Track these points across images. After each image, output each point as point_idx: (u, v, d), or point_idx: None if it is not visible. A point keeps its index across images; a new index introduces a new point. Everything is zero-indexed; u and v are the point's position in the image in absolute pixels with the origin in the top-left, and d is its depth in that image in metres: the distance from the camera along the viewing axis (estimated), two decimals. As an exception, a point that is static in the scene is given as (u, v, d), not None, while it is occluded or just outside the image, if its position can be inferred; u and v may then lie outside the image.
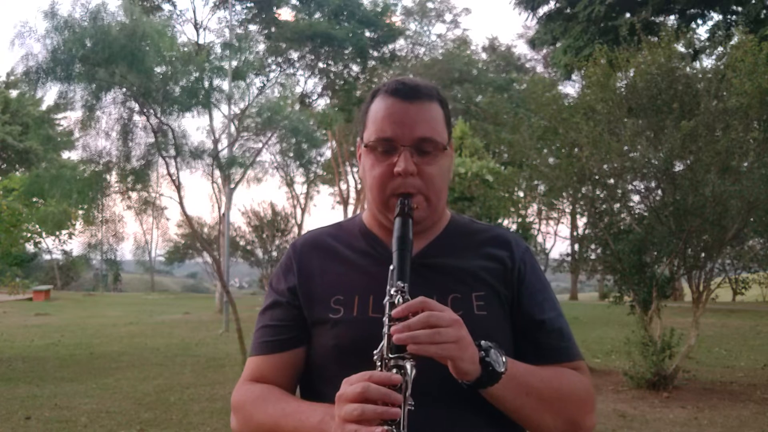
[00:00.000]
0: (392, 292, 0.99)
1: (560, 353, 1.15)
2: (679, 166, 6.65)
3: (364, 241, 1.22)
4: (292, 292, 1.18)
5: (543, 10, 20.74)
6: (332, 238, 1.24)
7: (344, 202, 32.52)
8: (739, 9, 17.34)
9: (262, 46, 30.22)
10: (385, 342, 0.94)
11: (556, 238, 33.81)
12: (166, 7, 30.91)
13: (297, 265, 1.20)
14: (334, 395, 0.93)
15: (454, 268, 1.16)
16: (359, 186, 29.86)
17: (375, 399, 0.88)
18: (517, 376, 1.02)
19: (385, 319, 0.96)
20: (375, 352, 0.95)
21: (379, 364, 0.94)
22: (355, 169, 30.40)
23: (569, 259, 8.22)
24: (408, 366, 0.92)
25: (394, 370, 0.91)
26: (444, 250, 1.19)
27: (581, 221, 8.85)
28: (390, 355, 0.93)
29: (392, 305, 0.97)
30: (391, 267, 1.03)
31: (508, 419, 1.07)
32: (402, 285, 0.99)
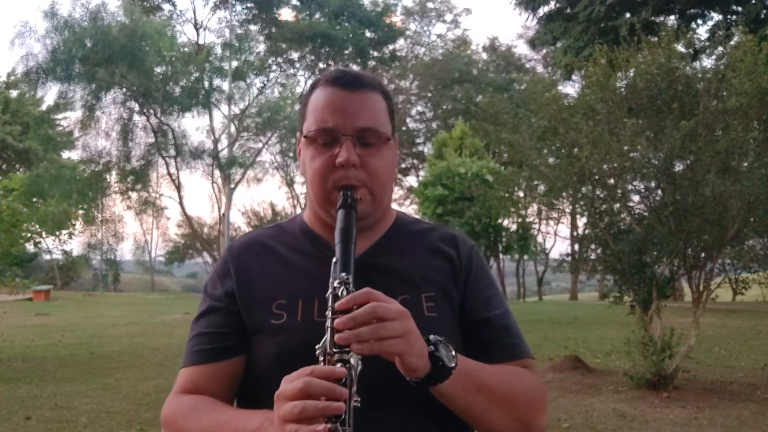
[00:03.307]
0: (335, 284, 0.93)
1: (509, 351, 1.10)
2: (679, 166, 6.65)
3: (306, 241, 1.15)
4: (229, 297, 1.11)
5: (543, 10, 20.76)
6: (272, 239, 1.18)
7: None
8: (739, 9, 17.35)
9: (262, 47, 30.27)
10: (328, 336, 0.88)
11: (556, 238, 33.90)
12: (166, 7, 30.96)
13: (234, 269, 1.13)
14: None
15: (402, 269, 1.11)
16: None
17: (317, 395, 0.81)
18: (467, 372, 0.97)
19: (328, 313, 0.90)
20: (317, 346, 0.89)
21: (321, 359, 0.88)
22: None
23: (569, 259, 8.21)
24: (353, 360, 0.86)
25: (339, 365, 0.86)
26: (391, 249, 1.14)
27: (581, 221, 8.85)
28: (333, 350, 0.87)
29: (335, 297, 0.91)
30: (334, 260, 0.97)
31: (458, 422, 1.04)
32: (346, 277, 0.93)
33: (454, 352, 0.96)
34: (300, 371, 0.85)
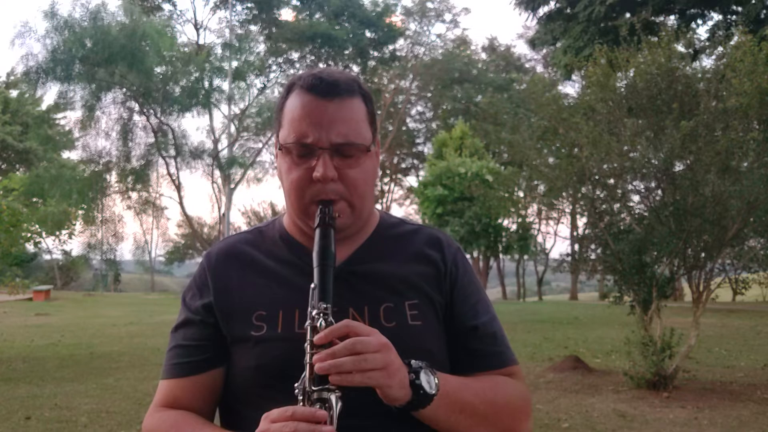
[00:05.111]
0: (314, 315, 0.90)
1: (494, 359, 1.09)
2: (679, 166, 6.65)
3: (286, 249, 1.11)
4: (206, 309, 1.08)
5: (543, 10, 20.79)
6: (251, 246, 1.14)
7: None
8: (739, 9, 17.35)
9: (262, 47, 30.28)
10: (307, 373, 0.87)
11: (556, 238, 33.92)
12: (166, 7, 31.00)
13: (212, 279, 1.10)
14: (257, 418, 0.87)
15: (385, 275, 1.08)
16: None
17: None
18: (449, 393, 0.96)
19: (307, 346, 0.88)
20: (296, 385, 0.88)
21: (301, 398, 0.86)
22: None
23: (569, 259, 8.21)
24: (333, 399, 0.85)
25: (318, 405, 0.85)
26: (373, 255, 1.11)
27: (581, 221, 8.86)
28: (313, 388, 0.85)
29: (314, 329, 0.89)
30: (312, 285, 0.94)
31: None
32: (324, 306, 0.91)
33: (436, 379, 0.95)
34: (281, 411, 0.84)
